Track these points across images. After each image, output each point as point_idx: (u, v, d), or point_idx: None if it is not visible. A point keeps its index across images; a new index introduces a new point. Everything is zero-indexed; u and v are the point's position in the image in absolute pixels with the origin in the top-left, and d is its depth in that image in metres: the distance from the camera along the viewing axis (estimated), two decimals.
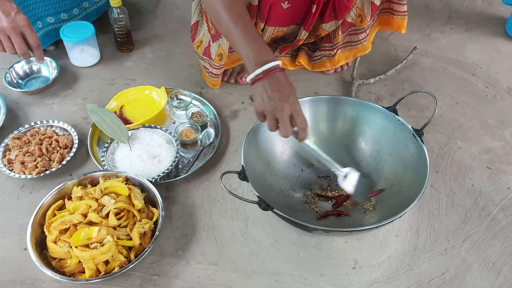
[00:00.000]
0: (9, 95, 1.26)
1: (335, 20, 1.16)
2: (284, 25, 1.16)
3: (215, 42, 1.12)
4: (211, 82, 1.26)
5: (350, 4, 1.11)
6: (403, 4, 1.17)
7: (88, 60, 1.36)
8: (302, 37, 1.19)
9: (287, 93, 0.83)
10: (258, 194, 0.85)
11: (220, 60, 1.16)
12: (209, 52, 1.16)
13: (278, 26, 1.14)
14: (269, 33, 1.16)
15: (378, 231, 0.97)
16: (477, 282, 0.90)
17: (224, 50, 1.14)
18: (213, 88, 1.28)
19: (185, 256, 0.93)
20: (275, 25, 1.13)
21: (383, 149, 1.03)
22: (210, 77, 1.23)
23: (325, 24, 1.17)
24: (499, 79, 1.35)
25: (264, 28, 1.14)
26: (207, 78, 1.26)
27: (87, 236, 0.85)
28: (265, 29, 1.14)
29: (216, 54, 1.15)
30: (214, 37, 1.12)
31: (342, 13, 1.13)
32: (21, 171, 1.04)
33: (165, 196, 1.03)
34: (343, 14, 1.13)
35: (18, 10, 1.09)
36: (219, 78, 1.24)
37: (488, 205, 1.02)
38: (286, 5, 1.09)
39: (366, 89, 1.31)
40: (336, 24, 1.17)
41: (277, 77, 0.84)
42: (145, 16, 1.57)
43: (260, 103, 0.84)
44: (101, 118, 1.11)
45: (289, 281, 0.90)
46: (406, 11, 1.18)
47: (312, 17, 1.13)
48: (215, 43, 1.13)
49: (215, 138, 1.15)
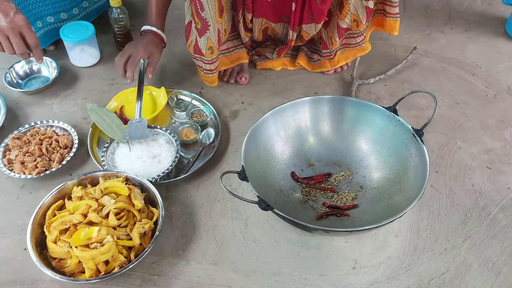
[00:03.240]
0: (9, 95, 1.26)
1: (314, 24, 1.16)
2: (271, 19, 1.19)
3: (203, 36, 1.12)
4: (207, 79, 1.24)
5: (324, 7, 1.10)
6: (394, 6, 1.17)
7: (88, 60, 1.36)
8: (291, 38, 1.22)
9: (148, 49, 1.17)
10: (258, 194, 0.85)
11: (211, 54, 1.15)
12: (198, 48, 1.15)
13: (265, 18, 1.19)
14: (258, 25, 1.20)
15: (378, 231, 0.97)
16: (477, 282, 0.90)
17: (213, 42, 1.13)
18: (211, 85, 1.26)
19: (185, 256, 0.93)
20: (261, 16, 1.18)
21: (383, 149, 1.03)
22: (205, 74, 1.21)
23: (305, 26, 1.18)
24: (499, 79, 1.35)
25: (252, 20, 1.19)
26: (203, 77, 1.25)
27: (87, 236, 0.85)
28: (254, 22, 1.19)
29: (206, 48, 1.13)
30: (200, 31, 1.11)
31: (319, 17, 1.14)
32: (21, 171, 1.04)
33: (165, 196, 1.03)
34: (319, 18, 1.14)
35: (17, 10, 1.09)
36: (214, 74, 1.22)
37: (488, 205, 1.02)
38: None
39: (366, 89, 1.31)
40: (316, 28, 1.17)
41: (153, 39, 1.21)
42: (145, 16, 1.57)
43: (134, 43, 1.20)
44: (101, 117, 1.11)
45: (289, 281, 0.90)
46: (398, 13, 1.19)
47: (294, 16, 1.15)
48: (202, 37, 1.12)
49: (215, 138, 1.15)
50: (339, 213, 0.97)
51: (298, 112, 1.06)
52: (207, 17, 1.08)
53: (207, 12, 1.07)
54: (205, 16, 1.08)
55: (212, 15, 1.07)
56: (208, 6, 1.06)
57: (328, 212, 0.98)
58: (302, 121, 1.07)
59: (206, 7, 1.06)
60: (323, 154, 1.08)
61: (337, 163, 1.07)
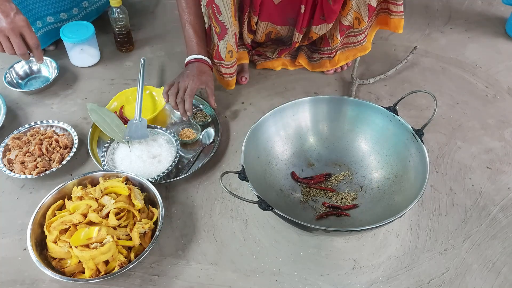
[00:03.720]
0: (9, 95, 1.26)
1: (325, 24, 1.16)
2: (276, 22, 1.18)
3: (222, 40, 1.12)
4: (226, 83, 1.24)
5: (337, 8, 1.11)
6: (399, 5, 1.17)
7: (88, 60, 1.36)
8: (297, 39, 1.21)
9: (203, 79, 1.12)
10: (258, 194, 0.85)
11: (231, 57, 1.16)
12: (218, 53, 1.16)
13: (270, 22, 1.18)
14: (263, 28, 1.19)
15: (378, 231, 0.97)
16: (477, 282, 0.90)
17: (232, 45, 1.14)
18: (229, 88, 1.26)
19: (185, 256, 0.93)
20: (267, 20, 1.17)
21: (383, 149, 1.03)
22: (226, 78, 1.22)
23: (316, 27, 1.18)
24: (499, 79, 1.35)
25: (257, 23, 1.17)
26: (222, 81, 1.24)
27: (87, 236, 0.85)
28: (258, 24, 1.18)
29: (226, 52, 1.14)
30: (219, 35, 1.12)
31: (331, 17, 1.14)
32: (21, 171, 1.04)
33: (165, 196, 1.03)
34: (331, 18, 1.14)
35: (17, 10, 1.09)
36: (233, 77, 1.23)
37: (488, 205, 1.02)
38: (277, 0, 1.11)
39: (366, 89, 1.31)
40: (327, 27, 1.17)
41: (203, 67, 1.14)
42: (145, 16, 1.57)
43: (182, 76, 1.14)
44: (101, 117, 1.11)
45: (289, 281, 0.90)
46: (402, 11, 1.18)
47: (303, 19, 1.15)
48: (222, 41, 1.12)
49: (215, 138, 1.15)
50: (339, 213, 0.97)
51: (298, 112, 1.06)
52: (224, 21, 1.08)
53: (225, 15, 1.07)
54: (223, 19, 1.07)
55: (229, 18, 1.08)
56: (225, 9, 1.06)
57: (328, 212, 0.98)
58: (302, 121, 1.07)
59: (223, 11, 1.06)
60: (323, 154, 1.08)
61: (337, 163, 1.07)
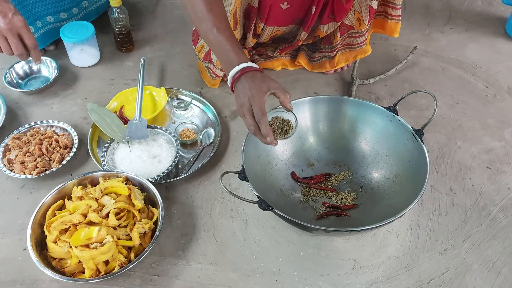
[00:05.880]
0: (9, 95, 1.26)
1: (333, 22, 1.16)
2: (283, 25, 1.17)
3: None
4: (210, 81, 1.27)
5: (349, 6, 1.12)
6: (397, 9, 1.17)
7: (88, 60, 1.36)
8: (301, 38, 1.20)
9: (264, 89, 0.86)
10: (258, 194, 0.85)
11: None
12: (209, 57, 1.17)
13: (277, 26, 1.16)
14: (268, 32, 1.18)
15: (378, 231, 0.97)
16: (477, 282, 0.90)
17: None
18: (213, 87, 1.28)
19: (185, 256, 0.93)
20: (274, 25, 1.16)
21: (383, 149, 1.03)
22: (212, 77, 1.23)
23: (324, 26, 1.18)
24: (499, 79, 1.35)
25: (263, 27, 1.16)
26: (206, 78, 1.26)
27: (87, 236, 0.85)
28: (264, 29, 1.16)
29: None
30: None
31: (341, 15, 1.14)
32: (21, 171, 1.04)
33: (165, 196, 1.03)
34: (341, 16, 1.14)
35: (15, 11, 1.09)
36: (219, 79, 1.25)
37: (488, 205, 1.02)
38: (285, 5, 1.10)
39: (366, 89, 1.31)
40: (335, 26, 1.18)
41: (253, 75, 0.88)
42: (145, 16, 1.57)
43: (239, 99, 0.88)
44: (101, 117, 1.11)
45: (289, 281, 0.90)
46: (400, 15, 1.19)
47: (312, 18, 1.14)
48: None
49: (215, 138, 1.15)
50: (339, 213, 0.97)
51: (298, 112, 1.05)
52: None
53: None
54: None
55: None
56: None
57: (328, 212, 0.98)
58: (302, 121, 1.07)
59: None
60: (323, 154, 1.08)
61: (337, 163, 1.07)
